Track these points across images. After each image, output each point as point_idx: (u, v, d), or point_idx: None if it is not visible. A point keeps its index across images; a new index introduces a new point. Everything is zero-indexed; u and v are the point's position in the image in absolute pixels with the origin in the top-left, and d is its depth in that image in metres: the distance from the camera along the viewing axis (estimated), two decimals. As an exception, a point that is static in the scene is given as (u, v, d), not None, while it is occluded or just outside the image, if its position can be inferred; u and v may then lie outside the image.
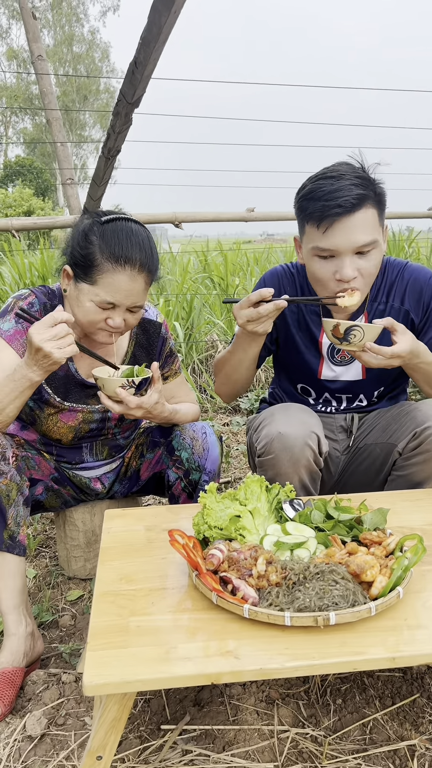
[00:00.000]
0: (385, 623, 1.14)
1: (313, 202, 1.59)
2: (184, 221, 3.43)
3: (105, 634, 1.13)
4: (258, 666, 1.04)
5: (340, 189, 1.56)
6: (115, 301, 1.59)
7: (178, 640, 1.10)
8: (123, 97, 2.05)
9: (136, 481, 1.98)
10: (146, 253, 1.60)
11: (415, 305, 1.81)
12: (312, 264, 1.67)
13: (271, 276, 1.90)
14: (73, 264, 1.62)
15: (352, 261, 1.60)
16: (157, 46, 1.74)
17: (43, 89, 3.32)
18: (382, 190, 1.65)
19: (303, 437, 1.63)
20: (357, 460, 1.89)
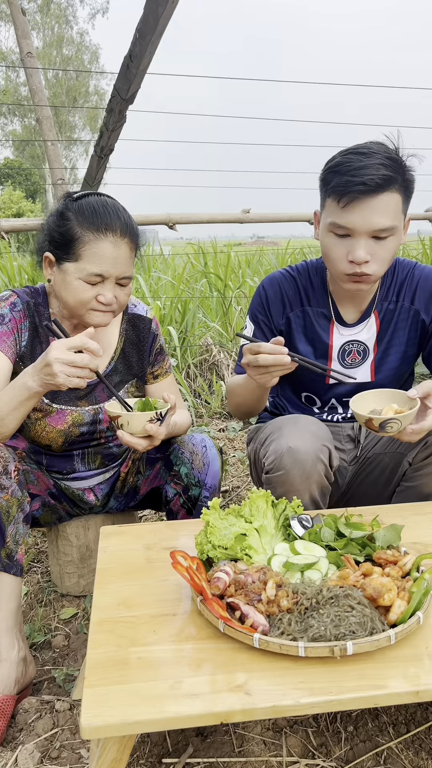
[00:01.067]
0: (406, 652, 1.06)
1: (339, 176, 1.52)
2: (178, 222, 3.35)
3: (103, 667, 1.04)
4: (271, 703, 0.95)
5: (367, 167, 1.48)
6: (102, 272, 1.54)
7: (183, 673, 1.02)
8: (117, 92, 1.98)
9: (134, 497, 1.89)
10: (125, 219, 1.58)
11: (426, 305, 1.74)
12: (327, 240, 1.61)
13: (271, 284, 1.81)
14: (54, 247, 1.58)
15: (367, 244, 1.54)
16: (154, 39, 1.66)
17: (32, 87, 3.23)
18: (411, 177, 1.57)
19: (315, 451, 1.55)
20: (365, 471, 1.81)
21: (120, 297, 1.61)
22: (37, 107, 3.30)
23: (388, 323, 1.76)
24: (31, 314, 1.69)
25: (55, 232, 1.58)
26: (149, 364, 1.86)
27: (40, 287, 1.75)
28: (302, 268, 1.82)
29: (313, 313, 1.78)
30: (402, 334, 1.76)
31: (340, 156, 1.56)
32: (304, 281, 1.79)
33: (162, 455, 1.79)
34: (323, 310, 1.78)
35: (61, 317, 1.71)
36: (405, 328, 1.76)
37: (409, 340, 1.76)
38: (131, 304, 1.85)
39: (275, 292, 1.79)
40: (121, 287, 1.61)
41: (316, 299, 1.78)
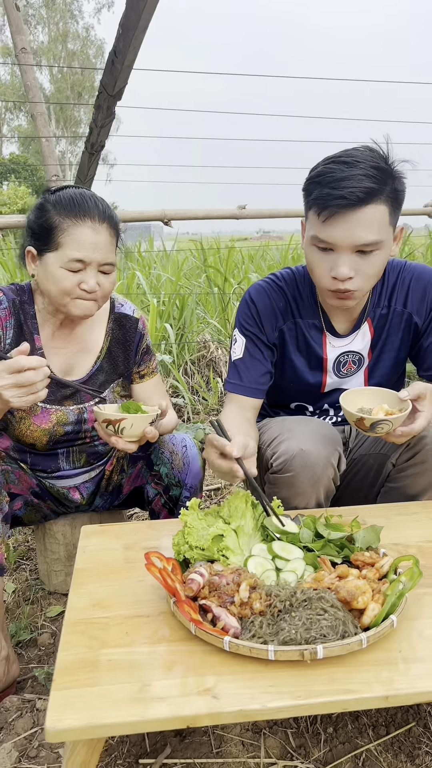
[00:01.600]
0: (378, 656, 1.04)
1: (319, 187, 1.44)
2: (173, 219, 3.33)
3: (73, 669, 1.03)
4: (238, 707, 0.95)
5: (348, 178, 1.40)
6: (83, 257, 1.54)
7: (153, 676, 1.01)
8: (104, 89, 1.96)
9: (118, 495, 1.89)
10: (102, 206, 1.60)
11: (419, 306, 1.68)
12: (310, 253, 1.54)
13: (259, 295, 1.71)
14: (35, 240, 1.59)
15: (351, 259, 1.46)
16: (137, 34, 1.65)
17: (27, 83, 3.22)
18: (401, 186, 1.48)
19: (326, 456, 1.51)
20: (351, 472, 1.79)
21: (103, 285, 1.60)
22: (32, 103, 3.29)
23: (381, 329, 1.70)
24: (17, 312, 1.68)
25: (35, 224, 1.59)
26: (135, 363, 1.85)
27: (26, 285, 1.74)
28: (288, 277, 1.73)
29: (304, 325, 1.71)
30: (395, 339, 1.71)
31: (323, 165, 1.47)
32: (293, 291, 1.72)
33: (144, 454, 1.78)
34: (314, 321, 1.71)
35: (46, 313, 1.70)
36: (398, 332, 1.70)
37: (402, 344, 1.72)
38: (118, 303, 1.84)
39: (265, 305, 1.70)
40: (104, 275, 1.60)
41: (307, 310, 1.71)
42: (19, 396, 1.35)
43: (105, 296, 1.64)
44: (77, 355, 1.77)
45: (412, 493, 1.59)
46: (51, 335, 1.72)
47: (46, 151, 3.20)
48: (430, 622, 1.13)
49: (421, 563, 1.31)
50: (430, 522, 1.49)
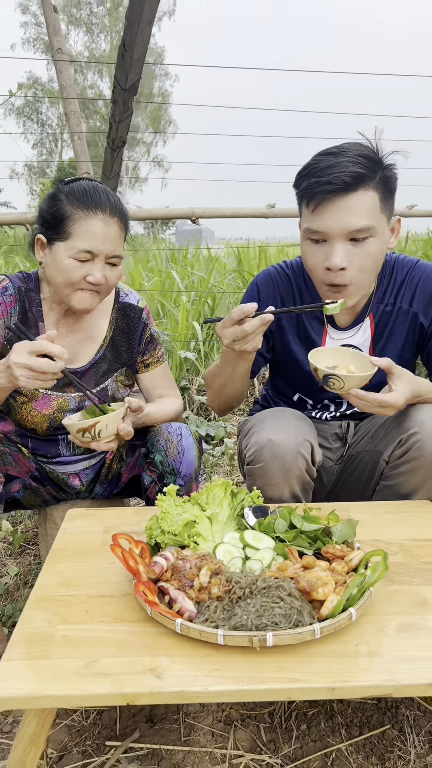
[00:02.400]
0: (333, 648, 1.02)
1: (307, 178, 1.46)
2: (201, 217, 3.35)
3: (28, 642, 1.05)
4: (179, 688, 0.94)
5: (335, 165, 1.41)
6: (92, 249, 1.57)
7: (103, 653, 1.02)
8: (117, 83, 1.99)
9: (117, 483, 1.91)
10: (114, 200, 1.62)
11: (425, 307, 1.65)
12: (304, 248, 1.54)
13: (264, 279, 1.76)
14: (46, 228, 1.62)
15: (344, 248, 1.45)
16: (143, 27, 1.67)
17: (62, 83, 3.29)
18: (391, 174, 1.48)
19: (295, 445, 1.51)
20: (348, 470, 1.76)
21: (109, 277, 1.62)
22: (66, 103, 3.36)
23: (384, 326, 1.68)
24: (22, 299, 1.72)
25: (47, 213, 1.62)
26: (139, 353, 1.87)
27: (33, 273, 1.78)
28: (297, 266, 1.74)
29: (306, 315, 1.72)
30: (399, 338, 1.68)
31: (311, 159, 1.49)
32: (299, 280, 1.72)
33: (141, 442, 1.79)
34: (316, 312, 1.71)
35: (51, 302, 1.74)
36: (402, 331, 1.67)
37: (406, 343, 1.68)
38: (123, 293, 1.86)
39: (269, 290, 1.74)
40: (111, 267, 1.63)
41: (310, 300, 1.71)
42: (27, 378, 1.40)
43: (109, 288, 1.66)
44: (81, 343, 1.79)
45: (406, 492, 1.55)
46: (55, 323, 1.75)
47: (77, 149, 3.27)
48: (395, 618, 1.10)
49: (400, 561, 1.28)
50: (417, 521, 1.45)
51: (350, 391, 1.42)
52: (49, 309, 1.74)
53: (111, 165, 2.65)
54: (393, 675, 0.95)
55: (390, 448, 1.56)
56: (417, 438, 1.47)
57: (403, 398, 1.42)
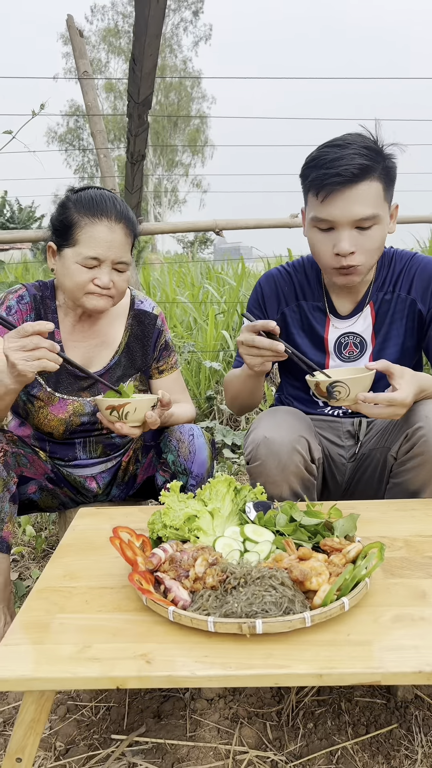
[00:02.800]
0: (324, 637, 1.02)
1: (315, 170, 1.52)
2: (224, 228, 3.39)
3: (26, 629, 1.08)
4: (167, 673, 0.95)
5: (342, 158, 1.48)
6: (98, 255, 1.61)
7: (96, 640, 1.04)
8: (130, 97, 2.05)
9: (132, 485, 1.94)
10: (120, 207, 1.66)
11: (423, 294, 1.69)
12: (312, 235, 1.61)
13: (267, 280, 1.83)
14: (56, 236, 1.67)
15: (351, 235, 1.53)
16: (149, 41, 1.73)
17: (87, 103, 3.40)
18: (392, 164, 1.56)
19: (290, 442, 1.53)
20: (362, 468, 1.75)
21: (117, 282, 1.67)
22: (93, 123, 3.47)
23: (384, 314, 1.72)
24: (37, 307, 1.78)
25: (56, 221, 1.68)
26: (154, 359, 1.91)
27: (49, 282, 1.84)
28: (298, 264, 1.83)
29: (308, 307, 1.78)
30: (399, 325, 1.71)
31: (317, 150, 1.55)
32: (300, 276, 1.80)
33: (154, 443, 1.82)
34: (318, 303, 1.77)
35: (66, 308, 1.79)
36: (402, 318, 1.71)
37: (407, 331, 1.71)
38: (138, 300, 1.91)
39: (271, 288, 1.81)
40: (118, 273, 1.67)
41: (312, 293, 1.78)
42: (25, 360, 1.41)
43: (120, 293, 1.71)
44: (96, 348, 1.84)
45: (414, 489, 1.53)
46: (71, 329, 1.81)
47: (104, 166, 3.36)
48: (391, 609, 1.09)
49: (403, 556, 1.27)
50: (425, 518, 1.43)
51: (358, 397, 1.42)
52: (65, 315, 1.80)
53: (132, 179, 2.72)
54: (381, 663, 0.95)
55: (397, 445, 1.55)
56: (422, 433, 1.46)
57: (410, 394, 1.43)
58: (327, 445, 1.79)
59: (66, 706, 1.44)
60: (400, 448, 1.54)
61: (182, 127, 37.81)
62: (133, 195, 2.88)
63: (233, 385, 1.80)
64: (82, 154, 35.20)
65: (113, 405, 1.55)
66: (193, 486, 1.71)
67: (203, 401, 3.72)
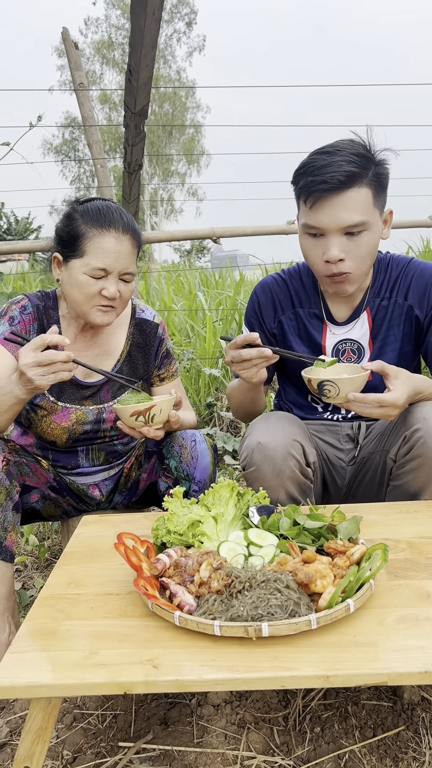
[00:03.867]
0: (330, 639, 1.02)
1: (304, 176, 1.54)
2: (221, 236, 3.41)
3: (32, 637, 1.08)
4: (174, 677, 0.96)
5: (330, 164, 1.49)
6: (105, 266, 1.62)
7: (103, 646, 1.04)
8: (127, 107, 2.07)
9: (135, 491, 1.94)
10: (127, 218, 1.68)
11: (420, 300, 1.70)
12: (303, 242, 1.62)
13: (263, 289, 1.84)
14: (62, 247, 1.68)
15: (340, 241, 1.53)
16: (145, 51, 1.74)
17: (84, 114, 3.43)
18: (383, 170, 1.56)
19: (284, 446, 1.54)
20: (362, 471, 1.76)
21: (123, 293, 1.68)
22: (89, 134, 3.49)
23: (381, 320, 1.72)
24: (40, 317, 1.79)
25: (62, 232, 1.69)
26: (155, 367, 1.92)
27: (51, 292, 1.85)
28: (294, 271, 1.83)
29: (305, 314, 1.79)
30: (397, 331, 1.72)
31: (308, 157, 1.57)
32: (296, 284, 1.81)
33: (156, 448, 1.83)
34: (315, 310, 1.78)
35: (69, 318, 1.80)
36: (399, 324, 1.71)
37: (404, 336, 1.71)
38: (139, 309, 1.92)
39: (267, 297, 1.82)
40: (125, 283, 1.69)
41: (308, 300, 1.79)
42: (41, 375, 1.44)
43: (124, 303, 1.72)
44: (98, 358, 1.85)
45: (414, 491, 1.54)
46: (73, 339, 1.81)
47: (100, 176, 3.39)
48: (396, 610, 1.09)
49: (406, 557, 1.27)
50: (428, 520, 1.43)
51: (348, 396, 1.43)
52: (67, 325, 1.81)
53: (130, 189, 2.73)
54: (387, 663, 0.95)
55: (395, 447, 1.56)
56: (419, 435, 1.46)
57: (403, 396, 1.43)
58: (326, 448, 1.80)
59: (72, 714, 1.44)
60: (399, 451, 1.54)
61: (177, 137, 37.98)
62: (131, 204, 2.89)
63: (235, 397, 1.83)
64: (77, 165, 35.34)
65: (139, 410, 1.55)
66: (195, 492, 1.72)
67: (203, 408, 3.72)
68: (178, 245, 29.48)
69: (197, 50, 39.63)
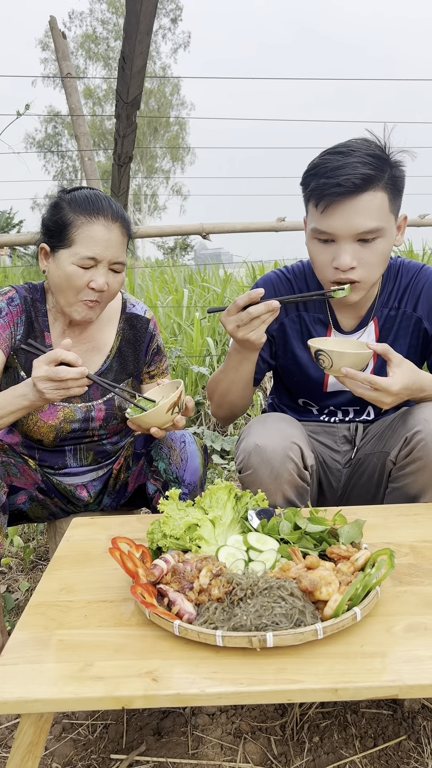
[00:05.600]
0: (337, 649, 0.98)
1: (315, 178, 1.44)
2: (211, 232, 3.36)
3: (23, 648, 1.02)
4: (175, 691, 0.91)
5: (344, 166, 1.39)
6: (95, 255, 1.57)
7: (99, 657, 0.99)
8: (119, 96, 2.01)
9: (124, 493, 1.88)
10: (115, 206, 1.63)
11: (429, 312, 1.63)
12: (311, 247, 1.54)
13: (266, 285, 1.74)
14: (48, 237, 1.62)
15: (352, 248, 1.45)
16: (140, 38, 1.69)
17: (71, 105, 3.36)
18: (399, 173, 1.47)
19: (283, 449, 1.48)
20: (357, 473, 1.72)
21: (112, 283, 1.63)
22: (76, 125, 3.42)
23: (388, 331, 1.66)
24: (28, 309, 1.73)
25: (49, 221, 1.63)
26: (145, 363, 1.86)
27: (39, 284, 1.79)
28: (298, 270, 1.74)
29: (309, 318, 1.70)
30: (403, 343, 1.65)
31: (319, 157, 1.48)
32: (301, 285, 1.72)
33: (145, 450, 1.78)
34: (320, 315, 1.69)
35: (57, 312, 1.74)
36: (406, 336, 1.65)
37: (410, 348, 1.65)
38: (130, 303, 1.86)
39: (270, 294, 1.71)
40: (114, 273, 1.63)
41: (313, 304, 1.70)
42: (52, 389, 1.42)
43: (112, 296, 1.66)
44: (87, 353, 1.79)
45: (414, 493, 1.50)
46: (61, 333, 1.76)
47: (87, 169, 3.32)
48: (403, 618, 1.05)
49: (410, 563, 1.24)
50: (429, 523, 1.40)
51: (341, 370, 1.38)
52: (54, 319, 1.75)
53: (119, 181, 2.67)
54: (398, 675, 0.91)
55: (396, 449, 1.52)
56: (421, 436, 1.42)
57: (398, 385, 1.37)
58: (322, 450, 1.75)
59: (61, 725, 1.38)
60: (399, 453, 1.50)
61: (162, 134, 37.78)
62: (120, 198, 2.83)
63: (222, 384, 1.70)
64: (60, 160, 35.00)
65: (174, 401, 1.50)
66: (185, 495, 1.66)
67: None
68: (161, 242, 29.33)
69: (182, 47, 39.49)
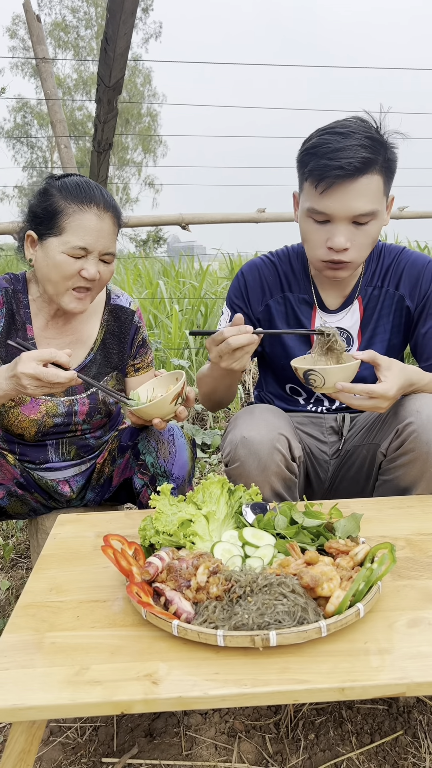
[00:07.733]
0: (341, 646, 0.96)
1: (316, 158, 1.43)
2: (190, 223, 3.31)
3: (13, 651, 0.98)
4: (177, 694, 0.87)
5: (345, 149, 1.39)
6: (86, 245, 1.52)
7: (94, 660, 0.95)
8: (101, 80, 1.95)
9: (108, 488, 1.84)
10: (107, 195, 1.58)
11: (411, 291, 1.64)
12: (305, 225, 1.53)
13: (251, 270, 1.73)
14: (36, 224, 1.57)
15: (347, 229, 1.46)
16: (124, 18, 1.63)
17: (47, 91, 3.27)
18: (393, 156, 1.48)
19: (270, 440, 1.46)
20: (346, 465, 1.70)
21: (103, 274, 1.58)
22: (52, 112, 3.33)
23: (372, 309, 1.67)
24: (9, 301, 1.67)
25: (38, 208, 1.57)
26: (130, 356, 1.82)
27: (20, 274, 1.73)
28: (283, 254, 1.75)
29: (294, 299, 1.71)
30: (386, 321, 1.66)
31: (318, 136, 1.46)
32: (285, 267, 1.72)
33: (131, 443, 1.73)
34: (305, 296, 1.70)
35: (41, 302, 1.68)
36: (389, 314, 1.66)
37: (393, 327, 1.67)
38: (114, 294, 1.81)
39: (254, 279, 1.72)
40: (105, 264, 1.59)
41: (298, 285, 1.71)
42: (36, 387, 1.37)
43: (101, 286, 1.62)
44: (70, 346, 1.74)
45: (405, 486, 1.49)
46: (44, 325, 1.70)
47: (64, 156, 3.24)
48: (405, 614, 1.03)
49: (407, 556, 1.22)
50: (423, 516, 1.38)
51: (336, 386, 1.37)
52: (38, 311, 1.69)
53: (98, 169, 2.61)
54: (405, 673, 0.89)
55: (387, 441, 1.50)
56: (413, 428, 1.41)
57: (393, 388, 1.37)
58: (310, 441, 1.73)
59: (49, 728, 1.34)
60: (390, 445, 1.49)
61: (133, 125, 37.37)
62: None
63: (208, 384, 1.71)
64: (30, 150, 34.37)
65: (178, 392, 1.46)
66: (173, 490, 1.63)
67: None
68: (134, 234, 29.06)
69: (153, 36, 39.10)
